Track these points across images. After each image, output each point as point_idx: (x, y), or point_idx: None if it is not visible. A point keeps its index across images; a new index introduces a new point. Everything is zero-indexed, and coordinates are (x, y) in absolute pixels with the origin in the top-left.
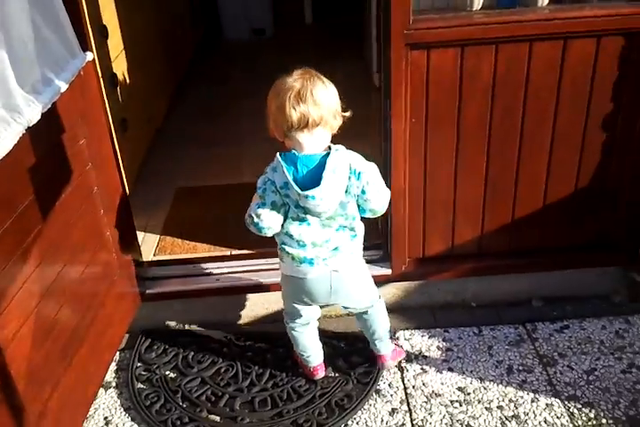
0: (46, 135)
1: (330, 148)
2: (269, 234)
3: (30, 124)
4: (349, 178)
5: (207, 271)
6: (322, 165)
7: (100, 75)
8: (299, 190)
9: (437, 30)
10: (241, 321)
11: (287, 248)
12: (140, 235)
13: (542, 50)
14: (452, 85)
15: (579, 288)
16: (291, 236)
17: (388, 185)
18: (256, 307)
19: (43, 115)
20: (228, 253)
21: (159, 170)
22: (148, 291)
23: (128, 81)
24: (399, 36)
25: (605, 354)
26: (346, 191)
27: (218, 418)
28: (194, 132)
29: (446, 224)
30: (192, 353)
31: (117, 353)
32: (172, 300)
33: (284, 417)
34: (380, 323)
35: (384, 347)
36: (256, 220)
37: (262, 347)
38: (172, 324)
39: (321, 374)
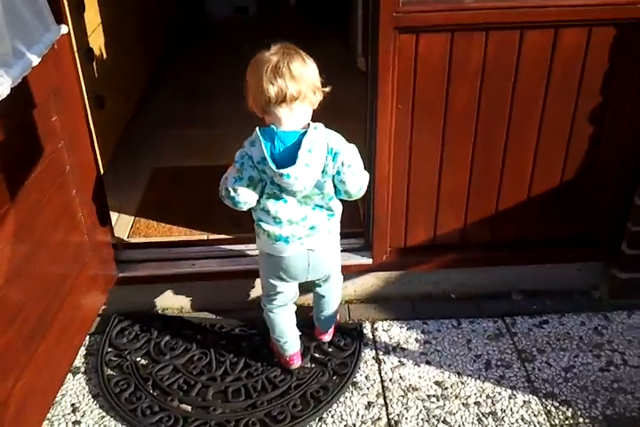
0: (16, 111)
1: (309, 125)
2: (245, 208)
3: None
4: (326, 158)
5: (183, 256)
6: (299, 143)
7: (75, 49)
8: (274, 168)
9: (428, 14)
10: (217, 307)
11: (263, 225)
12: (114, 216)
13: (533, 38)
14: (440, 71)
15: (559, 283)
16: (267, 212)
17: (372, 172)
18: (233, 293)
19: (12, 89)
20: (204, 237)
21: (136, 149)
22: (121, 274)
23: (105, 56)
24: (388, 19)
25: (584, 351)
26: (322, 171)
27: (189, 408)
28: (174, 111)
29: (429, 214)
30: (165, 339)
31: (87, 337)
32: (146, 284)
33: (257, 408)
34: (333, 298)
35: (328, 324)
36: (232, 194)
37: (237, 334)
38: (146, 308)
39: (297, 363)
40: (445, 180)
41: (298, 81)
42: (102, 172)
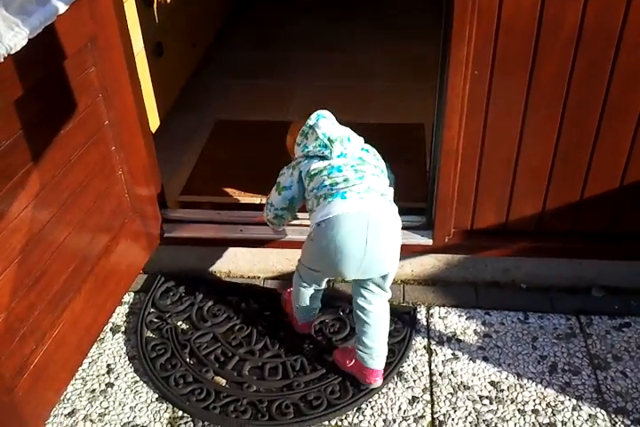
0: (45, 61)
1: None
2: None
3: (11, 52)
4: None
5: (232, 220)
6: None
7: None
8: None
9: None
10: (264, 275)
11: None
12: (170, 170)
13: None
14: (527, 35)
15: None
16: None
17: (438, 145)
18: (281, 263)
19: (39, 38)
20: (257, 200)
21: (201, 99)
22: (167, 234)
23: (168, 1)
24: None
25: None
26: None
27: (224, 382)
28: (245, 60)
29: (502, 195)
30: (208, 305)
31: (132, 295)
32: (194, 246)
33: (293, 390)
34: (384, 325)
35: (380, 360)
36: None
37: (281, 307)
38: (194, 270)
39: (305, 332)
40: (524, 158)
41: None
42: (159, 123)
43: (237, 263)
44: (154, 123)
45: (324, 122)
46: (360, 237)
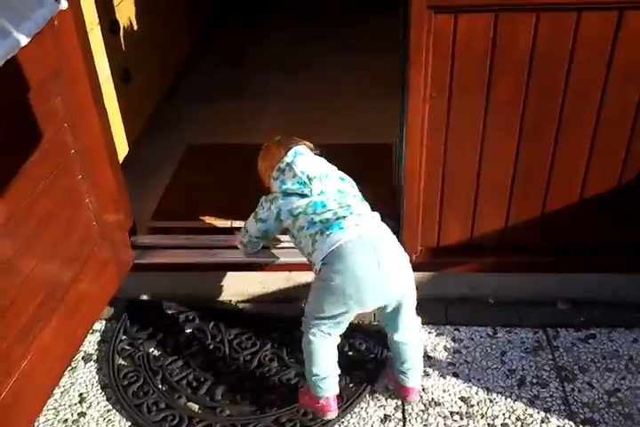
0: (8, 93)
1: None
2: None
3: None
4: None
5: (203, 244)
6: None
7: (97, 21)
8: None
9: None
10: (236, 299)
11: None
12: (141, 194)
13: (592, 21)
14: (481, 58)
15: (612, 294)
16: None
17: (402, 164)
18: (252, 285)
19: (1, 70)
20: (228, 224)
21: (171, 124)
22: (136, 261)
23: (135, 27)
24: None
25: (633, 373)
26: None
27: (196, 407)
28: (216, 82)
29: (466, 212)
30: (180, 330)
31: (104, 323)
32: (165, 271)
33: (266, 413)
34: (418, 347)
35: (416, 378)
36: None
37: (255, 330)
38: (165, 295)
39: (334, 410)
40: (485, 175)
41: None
42: (127, 149)
43: (209, 288)
44: (122, 149)
45: (302, 159)
46: (371, 261)
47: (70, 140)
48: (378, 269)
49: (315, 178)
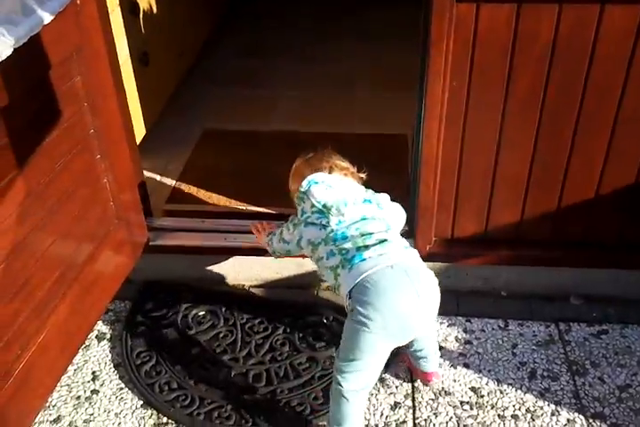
0: (30, 71)
1: None
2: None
3: None
4: None
5: (217, 228)
6: None
7: (117, 2)
8: None
9: None
10: (249, 284)
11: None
12: (156, 178)
13: (616, 14)
14: (502, 48)
15: (627, 290)
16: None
17: (419, 153)
18: (265, 271)
19: (25, 48)
20: (243, 208)
21: (189, 108)
22: (151, 242)
23: (155, 11)
24: None
25: None
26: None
27: (208, 388)
28: (234, 69)
29: (482, 204)
30: (193, 312)
31: (118, 303)
32: (179, 254)
33: (277, 397)
34: (434, 335)
35: (435, 362)
36: None
37: (267, 315)
38: (179, 278)
39: None
40: (502, 168)
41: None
42: (145, 132)
43: (222, 272)
44: (140, 131)
45: (316, 188)
46: (409, 292)
47: (89, 119)
48: (417, 299)
49: (332, 207)
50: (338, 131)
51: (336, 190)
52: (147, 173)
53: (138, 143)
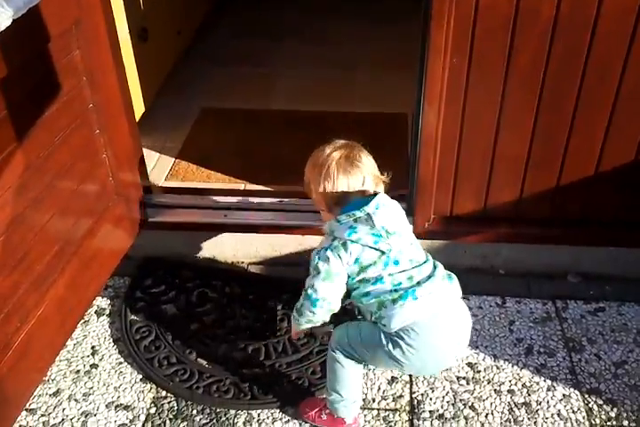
0: (29, 44)
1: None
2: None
3: None
4: None
5: (216, 205)
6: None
7: None
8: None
9: None
10: (248, 261)
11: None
12: (155, 156)
13: None
14: (503, 24)
15: (625, 269)
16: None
17: (419, 132)
18: (263, 248)
19: (22, 20)
20: (241, 186)
21: (188, 87)
22: (150, 219)
23: None
24: None
25: None
26: None
27: (206, 363)
28: (233, 48)
29: (481, 182)
30: (192, 288)
31: (117, 279)
32: (179, 230)
33: (276, 370)
34: None
35: None
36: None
37: (266, 291)
38: (178, 254)
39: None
40: (502, 145)
41: (369, 171)
42: (144, 109)
43: (221, 249)
44: (139, 108)
45: (384, 212)
46: (453, 339)
47: (88, 93)
48: (458, 346)
49: (394, 234)
50: (337, 110)
51: (397, 216)
52: (146, 151)
53: (137, 120)
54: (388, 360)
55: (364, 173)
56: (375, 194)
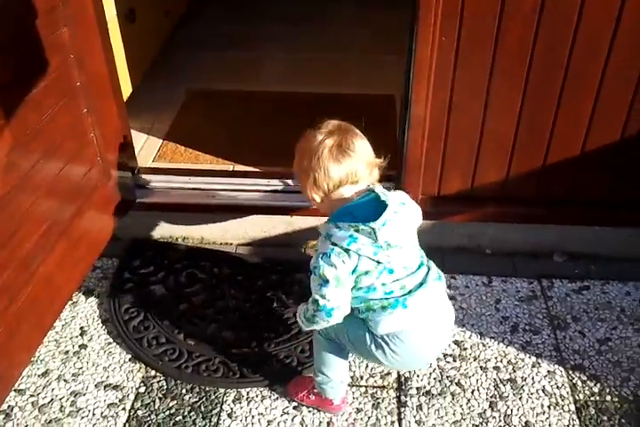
0: (15, 21)
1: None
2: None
3: None
4: None
5: (204, 186)
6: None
7: None
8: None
9: None
10: (236, 242)
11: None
12: (143, 137)
13: None
14: (492, 3)
15: (608, 248)
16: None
17: (407, 113)
18: (252, 229)
19: None
20: (230, 167)
21: (174, 68)
22: (138, 200)
23: None
24: None
25: (624, 324)
26: None
27: (195, 342)
28: (218, 31)
29: (468, 162)
30: (181, 269)
31: (105, 260)
32: (167, 212)
33: (264, 350)
34: None
35: None
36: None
37: (254, 272)
38: (166, 236)
39: (344, 407)
40: (489, 125)
41: (362, 159)
42: (131, 90)
43: (209, 230)
44: (126, 89)
45: (390, 227)
46: (436, 343)
47: (76, 72)
48: (440, 346)
49: (395, 247)
50: (325, 91)
51: (403, 228)
52: (133, 132)
53: (124, 101)
54: (368, 357)
55: (357, 162)
56: (373, 191)
